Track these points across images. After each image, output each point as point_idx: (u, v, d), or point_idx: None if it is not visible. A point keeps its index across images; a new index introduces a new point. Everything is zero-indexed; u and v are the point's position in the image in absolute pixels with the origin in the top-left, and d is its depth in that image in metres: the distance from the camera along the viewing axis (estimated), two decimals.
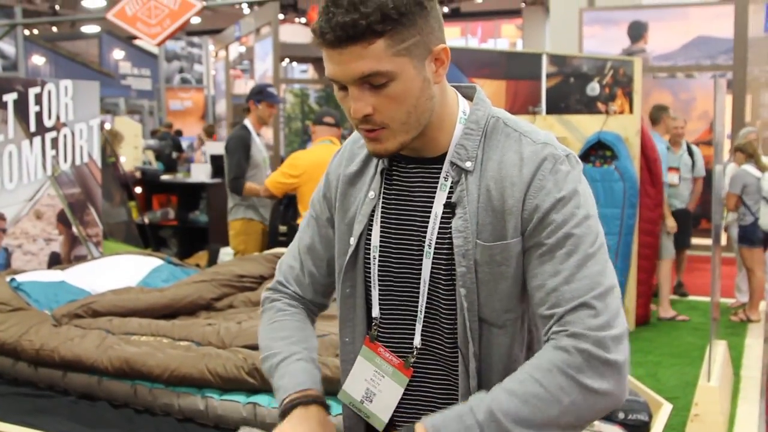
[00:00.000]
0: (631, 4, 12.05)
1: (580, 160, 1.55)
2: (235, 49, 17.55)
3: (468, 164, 1.52)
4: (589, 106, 7.52)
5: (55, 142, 5.11)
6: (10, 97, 4.83)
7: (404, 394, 1.64)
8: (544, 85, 7.94)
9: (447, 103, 1.56)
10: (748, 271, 7.31)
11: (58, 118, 5.11)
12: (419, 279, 1.57)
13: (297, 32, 21.54)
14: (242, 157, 5.98)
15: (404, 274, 1.60)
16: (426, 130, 1.52)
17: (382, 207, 1.63)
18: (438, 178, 1.56)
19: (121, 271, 4.59)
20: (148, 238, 8.04)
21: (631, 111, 7.05)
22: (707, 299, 7.30)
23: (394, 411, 1.65)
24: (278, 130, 13.69)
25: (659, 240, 7.12)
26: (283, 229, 7.17)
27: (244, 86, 21.81)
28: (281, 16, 16.10)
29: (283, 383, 1.64)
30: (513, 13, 27.11)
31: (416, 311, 1.59)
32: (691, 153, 7.87)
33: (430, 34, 1.47)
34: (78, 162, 5.28)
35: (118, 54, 23.62)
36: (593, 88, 7.43)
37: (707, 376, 4.67)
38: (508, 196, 1.48)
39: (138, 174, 9.73)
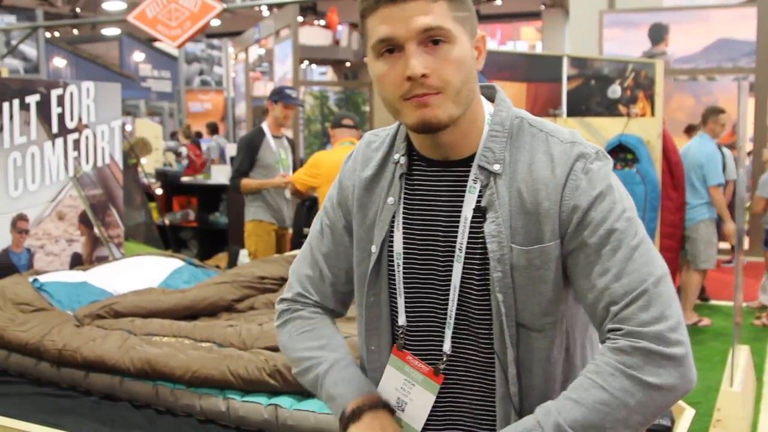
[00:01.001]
0: (652, 6, 11.99)
1: (609, 155, 1.53)
2: (255, 52, 17.60)
3: (496, 167, 1.50)
4: (610, 109, 7.48)
5: (77, 144, 5.14)
6: (32, 99, 4.85)
7: (436, 401, 1.61)
8: (564, 87, 7.90)
9: (477, 103, 1.53)
10: None
11: (80, 119, 5.14)
12: (448, 284, 1.54)
13: (316, 34, 21.54)
14: (245, 157, 6.04)
15: (432, 280, 1.57)
16: (461, 121, 1.49)
17: (404, 212, 1.59)
18: (464, 181, 1.53)
19: (142, 272, 4.60)
20: (168, 240, 8.06)
21: (652, 114, 7.01)
22: (730, 303, 7.25)
23: (427, 419, 1.62)
24: (298, 132, 13.72)
25: (681, 244, 7.07)
26: (307, 231, 7.19)
27: (263, 88, 21.88)
28: (300, 19, 16.13)
29: (340, 391, 1.62)
30: (532, 15, 27.03)
31: (445, 317, 1.56)
32: (723, 155, 7.84)
33: (475, 18, 1.49)
34: (100, 163, 5.30)
35: (138, 56, 23.74)
36: (614, 91, 7.40)
37: (730, 381, 4.64)
38: (542, 198, 1.46)
39: (152, 181, 9.74)
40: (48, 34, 22.89)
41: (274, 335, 3.38)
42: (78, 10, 24.68)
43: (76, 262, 5.17)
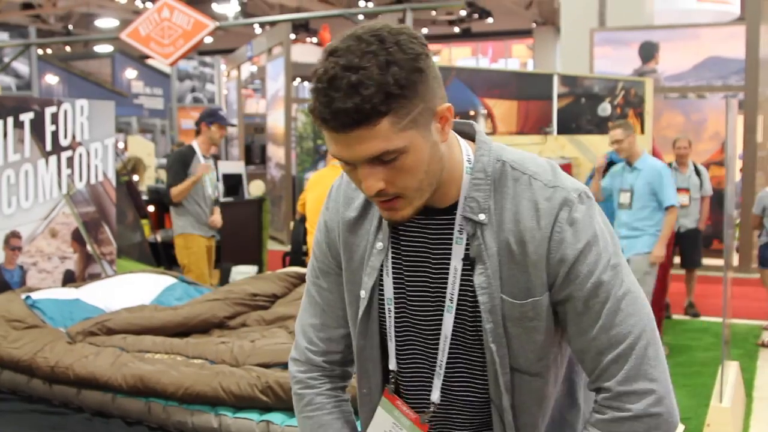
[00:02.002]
0: (642, 25, 12.07)
1: (591, 194, 1.52)
2: (247, 69, 17.67)
3: (482, 216, 1.48)
4: (600, 127, 7.54)
5: (70, 161, 5.16)
6: (26, 117, 4.88)
7: None
8: (555, 105, 7.97)
9: (453, 155, 1.50)
10: None
11: (73, 137, 5.16)
12: (438, 333, 1.54)
13: (309, 52, 21.64)
14: (179, 170, 6.17)
15: (423, 329, 1.57)
16: (440, 186, 1.47)
17: (393, 258, 1.57)
18: (449, 230, 1.51)
19: (135, 289, 4.61)
20: (160, 257, 8.07)
21: (642, 131, 7.07)
22: (720, 320, 7.29)
23: None
24: (290, 150, 13.74)
25: (670, 258, 7.11)
26: (305, 248, 7.23)
27: (255, 105, 21.94)
28: (293, 36, 16.20)
29: None
30: (524, 33, 27.21)
31: (434, 365, 1.56)
32: (698, 173, 7.92)
33: (432, 98, 1.40)
34: (93, 181, 5.32)
35: (130, 73, 23.76)
36: (604, 109, 7.46)
37: (719, 397, 4.66)
38: (530, 251, 1.46)
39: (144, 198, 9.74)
40: (40, 51, 22.91)
41: (266, 352, 3.41)
42: (71, 27, 24.74)
43: (69, 279, 5.18)
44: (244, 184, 9.12)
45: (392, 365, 1.62)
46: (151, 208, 9.35)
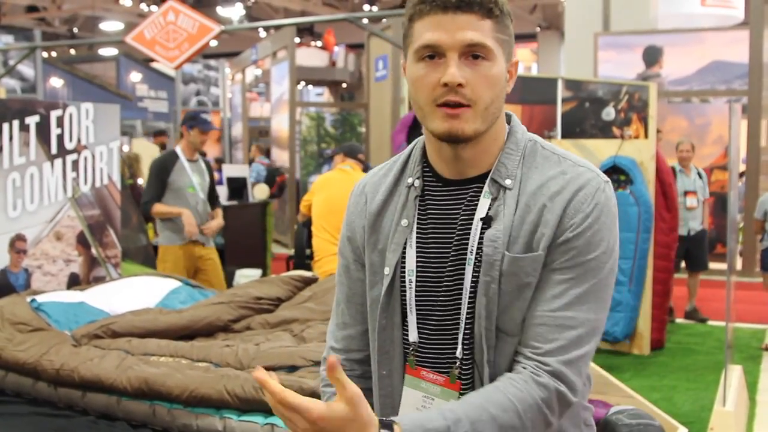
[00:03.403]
0: (646, 29, 12.09)
1: (612, 190, 1.59)
2: (252, 73, 17.71)
3: (508, 182, 1.56)
4: (604, 131, 7.55)
5: (75, 165, 5.18)
6: (32, 120, 4.90)
7: None
8: (559, 109, 7.97)
9: (501, 120, 1.61)
10: None
11: (79, 140, 5.18)
12: (461, 289, 1.58)
13: (313, 56, 21.69)
14: (156, 181, 5.97)
15: (442, 289, 1.60)
16: (484, 138, 1.56)
17: (417, 231, 1.63)
18: (477, 196, 1.59)
19: (139, 292, 4.63)
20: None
21: (646, 136, 7.07)
22: (723, 324, 7.29)
23: None
24: (294, 153, 13.77)
25: (675, 264, 7.13)
26: (309, 251, 7.23)
27: (260, 109, 21.98)
28: (297, 40, 16.21)
29: None
30: (528, 37, 27.19)
31: (456, 323, 1.59)
32: (699, 176, 8.01)
33: (513, 44, 1.57)
34: (98, 184, 5.34)
35: (135, 76, 23.80)
36: (608, 113, 7.45)
37: (722, 401, 4.67)
38: (546, 210, 1.52)
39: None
40: (45, 54, 22.97)
41: (270, 355, 3.42)
42: (75, 30, 24.81)
43: (74, 282, 5.20)
44: (248, 187, 9.14)
45: (413, 337, 1.64)
46: None
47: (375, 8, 22.38)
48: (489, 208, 1.56)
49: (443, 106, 1.51)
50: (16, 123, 4.82)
